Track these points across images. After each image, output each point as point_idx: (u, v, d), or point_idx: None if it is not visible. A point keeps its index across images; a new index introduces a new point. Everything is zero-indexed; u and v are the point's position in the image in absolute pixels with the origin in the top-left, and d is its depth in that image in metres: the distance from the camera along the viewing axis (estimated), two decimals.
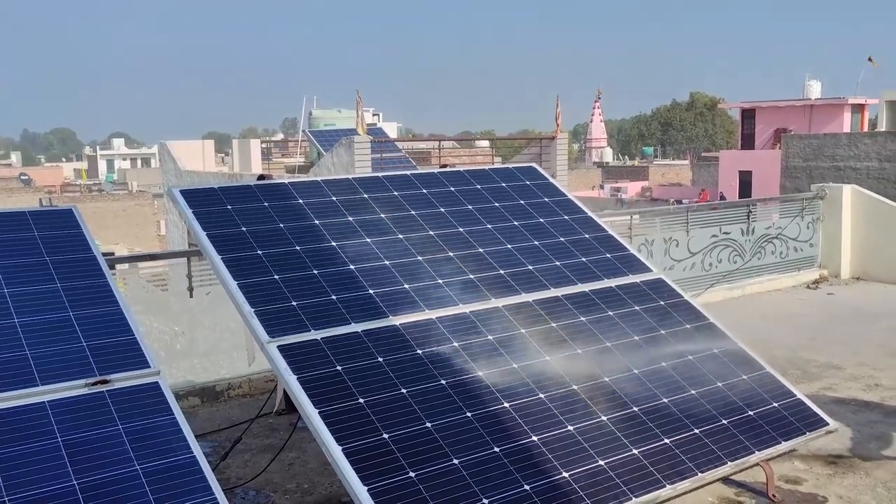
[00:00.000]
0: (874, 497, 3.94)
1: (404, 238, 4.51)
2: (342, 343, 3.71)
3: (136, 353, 3.29)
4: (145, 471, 2.85)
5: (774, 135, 35.91)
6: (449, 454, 3.31)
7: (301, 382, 3.45)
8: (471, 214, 4.89)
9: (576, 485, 3.34)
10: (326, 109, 30.30)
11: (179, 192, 4.39)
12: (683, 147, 77.40)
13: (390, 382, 3.58)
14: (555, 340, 4.09)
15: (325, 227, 4.41)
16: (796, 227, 9.25)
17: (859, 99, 36.82)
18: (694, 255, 8.32)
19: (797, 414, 4.09)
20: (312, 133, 26.94)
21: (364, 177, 5.03)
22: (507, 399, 3.65)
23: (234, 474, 4.30)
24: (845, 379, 5.74)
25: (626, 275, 4.75)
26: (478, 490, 3.19)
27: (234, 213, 4.32)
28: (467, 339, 3.94)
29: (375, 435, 3.30)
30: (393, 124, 53.45)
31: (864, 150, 22.97)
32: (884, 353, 6.36)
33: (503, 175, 5.43)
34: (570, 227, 5.05)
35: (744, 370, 4.27)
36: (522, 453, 3.42)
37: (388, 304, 4.01)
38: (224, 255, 4.02)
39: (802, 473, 4.21)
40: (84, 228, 3.88)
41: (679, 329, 4.44)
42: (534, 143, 20.99)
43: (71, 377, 3.10)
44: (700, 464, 3.62)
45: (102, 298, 3.50)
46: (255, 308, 3.75)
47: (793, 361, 6.14)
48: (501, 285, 4.37)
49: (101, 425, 2.97)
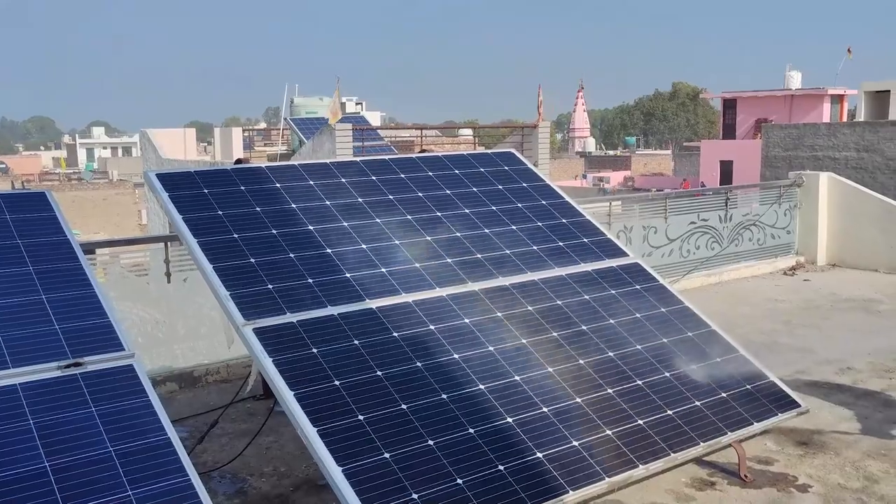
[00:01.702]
0: (843, 476, 4.00)
1: (382, 222, 4.52)
2: (318, 326, 3.72)
3: (110, 335, 3.28)
4: (118, 452, 2.84)
5: (755, 125, 36.11)
6: (424, 435, 3.33)
7: (277, 365, 3.46)
8: (449, 199, 4.90)
9: (550, 465, 3.37)
10: (308, 97, 30.16)
11: (156, 176, 4.37)
12: (665, 137, 77.71)
13: (366, 365, 3.59)
14: (531, 324, 4.12)
15: (302, 210, 4.41)
16: (773, 215, 9.33)
17: (839, 89, 37.08)
18: (672, 242, 8.37)
19: (769, 396, 4.14)
20: (294, 121, 26.82)
21: (342, 161, 5.03)
22: (482, 381, 3.67)
23: (211, 458, 4.30)
24: (818, 362, 5.82)
25: (603, 259, 4.78)
26: (452, 470, 3.22)
27: (210, 197, 4.31)
28: (444, 322, 3.95)
29: (351, 417, 3.32)
30: (376, 113, 53.30)
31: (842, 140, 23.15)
32: (856, 337, 6.44)
33: (482, 160, 5.44)
34: (548, 212, 5.08)
35: (718, 353, 4.32)
36: (497, 434, 3.44)
37: (365, 287, 4.02)
38: (200, 238, 4.01)
39: (774, 454, 4.27)
40: (58, 212, 3.86)
41: (654, 313, 4.48)
42: (516, 131, 21.00)
43: (43, 360, 3.09)
44: (673, 444, 3.66)
45: (76, 281, 3.48)
46: (230, 291, 3.75)
47: (768, 345, 6.21)
48: (479, 269, 4.39)
49: (74, 407, 2.96)
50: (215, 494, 3.87)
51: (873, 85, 30.71)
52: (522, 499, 3.20)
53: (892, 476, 3.99)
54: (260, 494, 3.95)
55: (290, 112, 28.92)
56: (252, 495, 3.94)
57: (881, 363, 5.77)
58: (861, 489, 3.86)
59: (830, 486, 3.90)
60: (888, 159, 21.53)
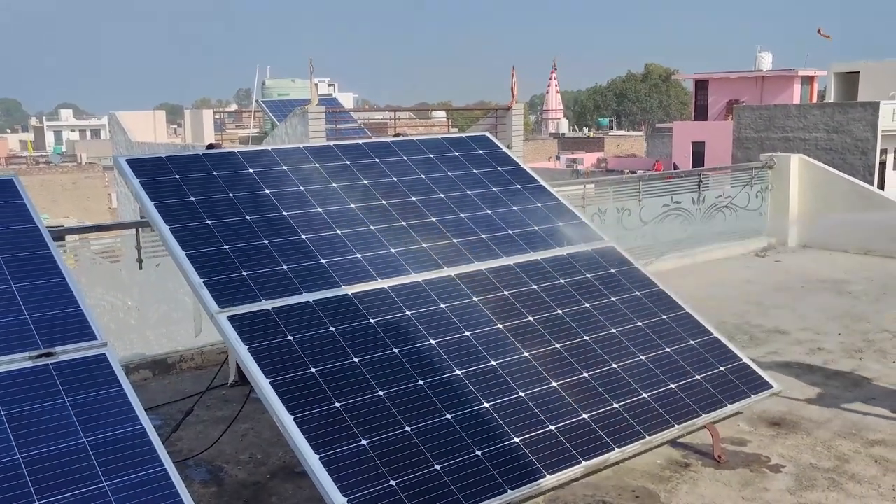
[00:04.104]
0: (814, 456, 4.06)
1: (356, 207, 4.49)
2: (294, 313, 3.70)
3: (81, 325, 3.23)
4: (92, 443, 2.81)
5: (727, 106, 36.38)
6: (401, 422, 3.33)
7: (252, 352, 3.43)
8: (423, 183, 4.88)
9: (527, 449, 3.38)
10: (280, 79, 29.87)
11: (126, 162, 4.30)
12: (638, 118, 77.98)
13: (342, 352, 3.57)
14: (507, 308, 4.12)
15: (276, 196, 4.37)
16: (745, 197, 9.41)
17: (809, 71, 37.42)
18: (646, 225, 8.42)
19: (743, 377, 4.19)
20: (266, 103, 26.57)
21: (315, 146, 4.98)
22: (459, 367, 3.67)
23: (186, 446, 4.28)
24: (790, 343, 5.89)
25: (578, 243, 4.79)
26: (430, 456, 3.22)
27: (182, 183, 4.25)
28: (420, 307, 3.94)
29: (327, 404, 3.30)
30: (349, 95, 52.85)
31: (812, 121, 23.39)
32: (827, 318, 6.53)
33: (456, 144, 5.42)
34: (523, 196, 5.07)
35: (691, 335, 4.35)
36: (474, 419, 3.45)
37: (340, 273, 4.00)
38: (172, 225, 3.96)
39: (747, 435, 4.32)
40: (26, 198, 3.78)
41: (629, 296, 4.50)
42: (490, 113, 20.95)
43: (14, 350, 3.04)
44: (648, 427, 3.70)
45: (46, 270, 3.42)
46: (204, 278, 3.71)
47: (740, 327, 6.28)
48: (454, 254, 4.38)
49: (46, 398, 2.92)
50: (191, 483, 3.85)
51: (843, 66, 31.05)
52: (500, 483, 3.21)
53: (863, 456, 4.05)
54: (236, 482, 3.93)
55: (261, 94, 28.64)
56: (228, 483, 3.92)
57: (851, 343, 5.85)
58: (832, 468, 3.93)
59: (802, 465, 3.96)
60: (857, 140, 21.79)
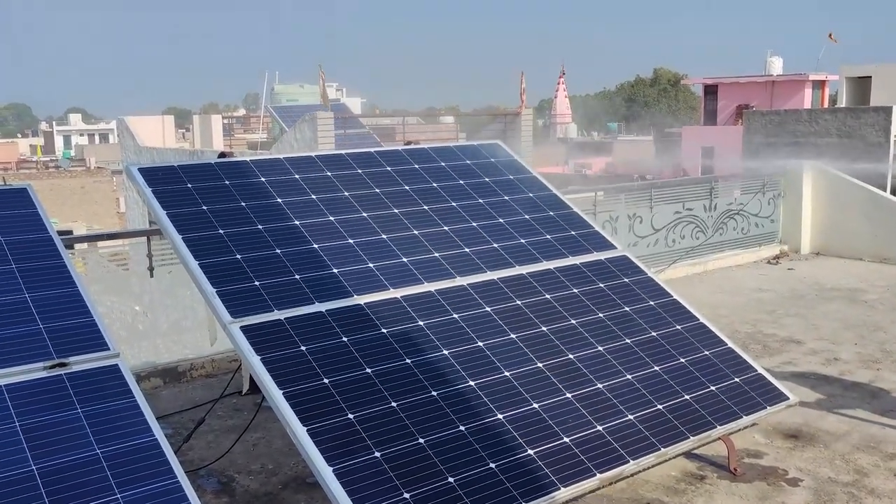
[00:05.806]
0: (833, 469, 4.02)
1: (368, 216, 4.47)
2: (306, 323, 3.68)
3: (94, 335, 3.23)
4: (106, 454, 2.80)
5: (736, 111, 36.25)
6: (414, 433, 3.30)
7: (265, 363, 3.41)
8: (435, 192, 4.86)
9: (541, 461, 3.36)
10: (288, 84, 29.93)
11: (138, 171, 4.30)
12: (647, 123, 77.84)
13: (355, 362, 3.55)
14: (520, 318, 4.10)
15: (288, 205, 4.35)
16: (758, 203, 9.36)
17: (820, 75, 37.25)
18: (657, 232, 8.38)
19: (758, 388, 4.15)
20: (275, 109, 26.62)
21: (327, 154, 4.97)
22: (472, 377, 3.65)
23: (198, 456, 4.26)
24: (805, 353, 5.84)
25: (591, 252, 4.77)
26: (444, 469, 3.19)
27: (194, 192, 4.24)
28: (432, 317, 3.92)
29: (340, 415, 3.28)
30: (357, 99, 52.88)
31: (824, 125, 23.27)
32: (842, 327, 6.47)
33: (468, 152, 5.40)
34: (535, 205, 5.05)
35: (705, 346, 4.32)
36: (488, 431, 3.42)
37: (353, 283, 3.98)
38: (185, 234, 3.95)
39: (763, 447, 4.28)
40: (39, 208, 3.78)
41: (643, 306, 4.47)
42: (498, 118, 20.95)
43: (28, 360, 3.03)
44: (663, 439, 3.66)
45: (59, 280, 3.42)
46: (217, 288, 3.70)
47: (753, 336, 6.23)
48: (466, 263, 4.36)
49: (60, 409, 2.91)
50: (203, 493, 3.84)
51: (854, 70, 30.87)
52: (514, 496, 3.18)
53: (882, 469, 4.01)
54: (248, 493, 3.91)
55: (270, 99, 28.71)
56: (240, 493, 3.90)
57: (868, 354, 5.80)
58: (852, 483, 3.88)
59: (821, 479, 3.92)
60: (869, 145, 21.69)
